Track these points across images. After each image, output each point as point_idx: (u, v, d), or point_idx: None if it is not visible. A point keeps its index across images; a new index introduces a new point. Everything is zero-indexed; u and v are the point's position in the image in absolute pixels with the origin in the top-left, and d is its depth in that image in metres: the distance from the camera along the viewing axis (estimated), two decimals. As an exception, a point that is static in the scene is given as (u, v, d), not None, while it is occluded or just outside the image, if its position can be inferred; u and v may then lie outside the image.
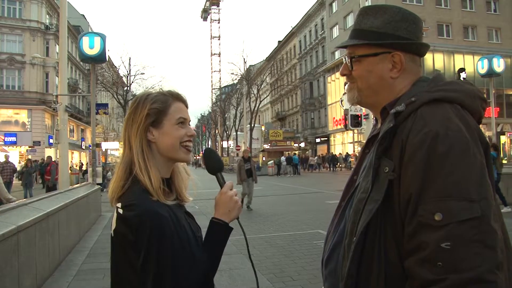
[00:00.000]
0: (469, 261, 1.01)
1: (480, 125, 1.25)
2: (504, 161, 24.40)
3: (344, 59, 1.42)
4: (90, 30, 42.21)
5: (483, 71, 18.32)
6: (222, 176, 1.61)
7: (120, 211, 1.36)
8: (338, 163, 42.78)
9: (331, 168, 42.21)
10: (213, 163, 1.62)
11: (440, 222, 1.04)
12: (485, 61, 18.20)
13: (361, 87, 1.37)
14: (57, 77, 31.49)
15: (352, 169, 1.48)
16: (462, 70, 22.99)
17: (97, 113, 16.51)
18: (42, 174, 22.79)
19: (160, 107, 1.48)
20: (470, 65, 31.45)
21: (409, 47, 1.32)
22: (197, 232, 1.54)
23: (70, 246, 7.89)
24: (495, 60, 18.04)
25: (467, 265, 1.01)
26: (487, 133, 25.15)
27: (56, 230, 6.73)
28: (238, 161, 14.52)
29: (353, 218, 1.24)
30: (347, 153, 44.05)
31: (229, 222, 1.53)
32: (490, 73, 18.12)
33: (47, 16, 41.70)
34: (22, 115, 39.60)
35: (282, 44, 67.98)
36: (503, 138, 26.98)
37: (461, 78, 21.71)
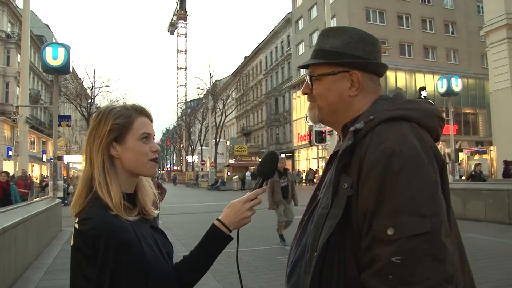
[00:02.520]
0: (419, 274, 1.04)
1: (439, 142, 1.28)
2: (463, 177, 25.16)
3: (306, 78, 1.45)
4: (54, 41, 41.17)
5: (442, 90, 18.72)
6: (262, 183, 1.58)
7: (77, 225, 1.34)
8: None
9: None
10: (267, 168, 1.59)
11: (392, 237, 1.08)
12: (444, 81, 18.61)
13: (321, 106, 1.40)
14: (18, 87, 30.65)
15: (316, 184, 1.50)
16: (423, 88, 23.55)
17: (59, 125, 16.15)
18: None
19: (124, 122, 1.45)
20: (431, 84, 32.43)
21: (366, 66, 1.36)
22: (164, 247, 1.50)
23: (27, 262, 7.61)
24: (453, 80, 18.46)
25: (417, 278, 1.05)
26: (446, 150, 25.89)
27: (13, 246, 6.49)
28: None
29: (314, 233, 1.26)
30: (298, 169, 46.60)
31: (231, 230, 1.53)
32: (449, 92, 18.54)
33: (8, 24, 40.58)
34: (-21, 126, 38.20)
35: (248, 60, 68.37)
36: (461, 155, 27.70)
37: (422, 97, 22.26)
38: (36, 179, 34.79)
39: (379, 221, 1.11)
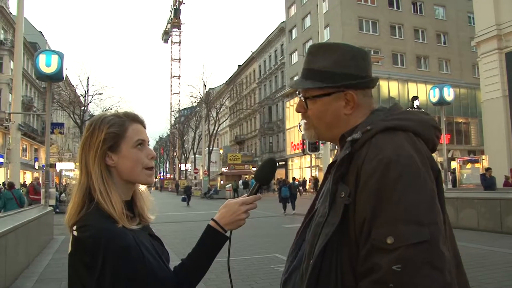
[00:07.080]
0: (419, 282, 1.06)
1: (433, 152, 1.30)
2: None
3: (298, 97, 1.45)
4: (47, 48, 41.15)
5: (434, 99, 18.93)
6: (258, 189, 1.57)
7: (75, 233, 1.32)
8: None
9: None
10: (266, 174, 1.60)
11: (391, 245, 1.09)
12: (437, 90, 18.79)
13: (317, 125, 1.42)
14: (10, 94, 30.57)
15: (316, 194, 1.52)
16: (415, 98, 23.69)
17: (52, 132, 16.06)
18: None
19: (117, 131, 1.44)
20: (423, 93, 32.60)
21: (360, 85, 1.36)
22: (162, 254, 1.50)
23: (17, 271, 7.52)
24: (445, 89, 18.66)
25: (417, 287, 1.06)
26: (439, 159, 26.01)
27: (3, 255, 6.42)
28: None
29: (311, 242, 1.27)
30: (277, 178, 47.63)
31: (226, 230, 1.53)
32: (441, 101, 18.74)
33: (1, 30, 40.40)
34: (-30, 133, 37.86)
35: (242, 68, 68.29)
36: (453, 164, 27.75)
37: (415, 106, 22.39)
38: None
39: (378, 230, 1.12)
